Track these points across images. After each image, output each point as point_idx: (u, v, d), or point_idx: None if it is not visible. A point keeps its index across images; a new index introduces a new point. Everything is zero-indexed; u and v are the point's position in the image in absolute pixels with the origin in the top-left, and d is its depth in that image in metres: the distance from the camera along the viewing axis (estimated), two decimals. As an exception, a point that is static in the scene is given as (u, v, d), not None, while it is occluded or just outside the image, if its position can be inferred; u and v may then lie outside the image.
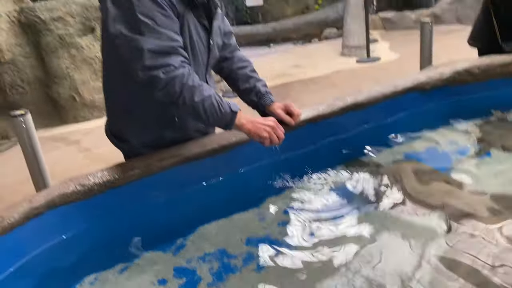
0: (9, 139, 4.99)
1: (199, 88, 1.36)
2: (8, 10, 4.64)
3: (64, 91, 4.90)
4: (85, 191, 1.36)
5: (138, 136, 1.57)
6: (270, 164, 1.64)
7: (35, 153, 1.93)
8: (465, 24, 7.60)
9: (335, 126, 1.81)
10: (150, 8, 1.31)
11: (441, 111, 2.00)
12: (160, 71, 1.31)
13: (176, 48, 1.35)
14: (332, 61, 6.53)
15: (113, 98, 1.58)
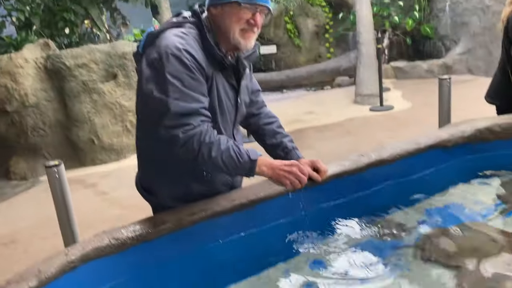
0: (27, 180, 5.07)
1: (216, 143, 1.41)
2: (36, 56, 4.85)
3: (83, 134, 5.02)
4: (118, 244, 1.39)
5: (166, 190, 1.62)
6: (297, 218, 1.66)
7: (65, 203, 1.98)
8: (476, 74, 7.74)
9: (360, 182, 1.84)
10: (179, 70, 1.39)
11: (463, 168, 2.02)
12: (180, 130, 1.38)
13: (198, 110, 1.41)
14: (345, 109, 6.64)
15: (144, 152, 1.66)
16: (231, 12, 1.47)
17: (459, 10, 7.88)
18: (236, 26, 1.48)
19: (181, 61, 1.39)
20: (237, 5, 1.45)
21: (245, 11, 1.46)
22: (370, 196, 1.87)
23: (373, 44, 6.99)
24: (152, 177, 1.65)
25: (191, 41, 1.45)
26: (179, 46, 1.40)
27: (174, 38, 1.43)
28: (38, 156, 5.13)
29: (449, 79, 2.85)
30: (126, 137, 5.23)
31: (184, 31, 1.47)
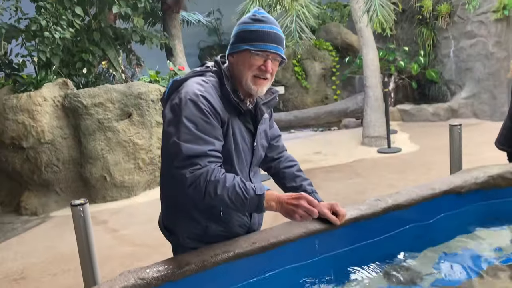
0: (37, 216, 5.10)
1: (222, 181, 1.44)
2: (54, 95, 5.01)
3: (96, 171, 5.09)
4: (144, 284, 1.42)
5: (185, 229, 1.67)
6: (315, 262, 1.69)
7: (88, 241, 2.02)
8: (481, 118, 7.85)
9: (376, 226, 1.87)
10: (194, 115, 1.47)
11: (477, 214, 2.05)
12: (187, 170, 1.43)
13: (207, 152, 1.46)
14: (353, 150, 6.71)
15: (165, 192, 1.72)
16: (244, 59, 1.56)
17: (464, 56, 8.10)
18: (249, 72, 1.56)
19: (197, 106, 1.47)
20: (248, 52, 1.54)
21: (256, 58, 1.55)
22: (385, 241, 1.90)
23: (380, 87, 7.16)
24: (172, 217, 1.71)
25: (209, 88, 1.54)
26: (197, 92, 1.50)
27: (194, 86, 1.53)
28: (50, 192, 5.19)
29: (460, 126, 2.93)
30: (138, 174, 5.30)
31: (205, 79, 1.58)
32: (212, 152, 1.48)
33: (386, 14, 6.29)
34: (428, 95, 8.98)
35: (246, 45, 1.53)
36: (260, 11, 1.60)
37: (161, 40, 6.31)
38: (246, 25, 1.56)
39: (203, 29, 11.76)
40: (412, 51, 8.92)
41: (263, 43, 1.53)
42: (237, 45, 1.56)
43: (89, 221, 2.00)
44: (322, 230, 1.72)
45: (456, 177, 2.12)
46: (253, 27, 1.54)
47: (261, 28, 1.54)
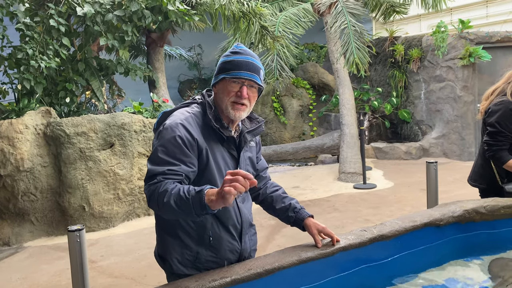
0: (10, 246, 4.95)
1: (170, 189, 1.47)
2: (36, 123, 4.99)
3: (75, 201, 5.03)
4: (145, 308, 1.46)
5: (177, 256, 1.73)
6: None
7: (83, 267, 2.03)
8: (450, 158, 8.22)
9: (363, 256, 1.98)
10: (167, 140, 1.60)
11: (455, 246, 2.19)
12: (146, 186, 1.55)
13: (165, 171, 1.53)
14: (330, 185, 6.87)
15: (158, 221, 1.81)
16: (223, 87, 1.70)
17: (433, 99, 8.55)
18: (227, 98, 1.69)
19: (172, 132, 1.60)
20: (226, 80, 1.69)
21: (233, 85, 1.69)
22: (369, 270, 2.00)
23: (355, 125, 7.45)
24: (164, 243, 1.78)
25: (189, 118, 1.67)
26: (178, 121, 1.63)
27: (177, 115, 1.67)
28: (24, 222, 5.07)
29: (436, 163, 3.13)
30: (117, 205, 5.26)
31: (189, 110, 1.72)
32: (171, 171, 1.54)
33: (361, 56, 6.65)
34: (400, 134, 9.36)
35: (224, 74, 1.69)
36: (239, 45, 1.75)
37: (145, 72, 6.42)
38: (225, 57, 1.72)
39: (184, 63, 11.99)
40: (385, 92, 9.35)
41: (238, 71, 1.67)
42: (217, 76, 1.72)
43: (84, 247, 2.02)
44: (314, 258, 1.82)
45: (435, 211, 2.27)
46: (230, 58, 1.70)
47: (237, 58, 1.69)
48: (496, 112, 2.65)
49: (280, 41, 6.65)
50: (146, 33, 7.01)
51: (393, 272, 2.02)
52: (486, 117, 2.73)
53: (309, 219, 1.92)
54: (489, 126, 2.68)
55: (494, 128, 2.64)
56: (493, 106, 2.69)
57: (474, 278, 2.04)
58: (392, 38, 9.33)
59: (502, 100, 2.67)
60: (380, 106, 9.12)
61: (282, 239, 4.44)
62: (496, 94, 2.74)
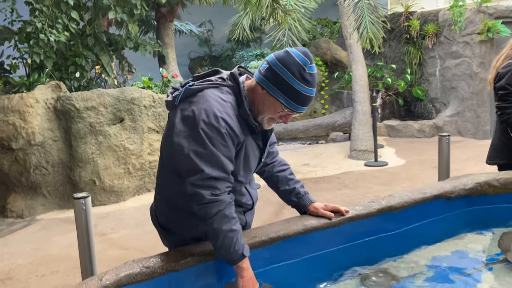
0: (23, 219, 5.04)
1: (231, 221, 1.50)
2: (46, 97, 5.01)
3: (86, 175, 5.07)
4: (148, 272, 1.46)
5: (184, 231, 1.70)
6: (314, 257, 1.75)
7: (88, 235, 2.04)
8: (464, 136, 8.07)
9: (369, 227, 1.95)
10: (214, 137, 1.48)
11: (465, 218, 2.14)
12: (208, 191, 1.47)
13: (226, 176, 1.52)
14: (341, 163, 6.82)
15: (166, 195, 1.71)
16: (273, 105, 1.56)
17: (449, 76, 8.34)
18: (269, 114, 1.59)
19: (216, 128, 1.47)
20: (281, 104, 1.55)
21: (284, 111, 1.57)
22: (377, 240, 1.97)
23: (368, 102, 7.33)
24: (171, 218, 1.71)
25: (228, 109, 1.53)
26: (217, 113, 1.48)
27: (213, 104, 1.51)
28: (37, 195, 5.14)
29: (448, 136, 3.05)
30: (127, 179, 5.29)
31: (223, 96, 1.55)
32: (229, 177, 1.53)
33: (375, 31, 6.48)
34: (413, 112, 9.20)
35: (283, 99, 1.54)
36: (312, 66, 1.54)
37: (154, 47, 6.38)
38: (292, 79, 1.51)
39: (194, 40, 11.88)
40: (399, 69, 9.16)
41: (299, 106, 1.55)
42: (275, 90, 1.53)
43: (90, 215, 2.02)
44: (319, 227, 1.79)
45: (446, 183, 2.22)
46: (297, 85, 1.52)
47: (303, 91, 1.53)
48: (505, 74, 2.58)
49: (292, 15, 6.50)
50: (156, 8, 6.93)
51: (401, 243, 1.99)
52: (496, 82, 2.65)
53: (312, 204, 1.88)
54: (499, 90, 2.60)
55: (505, 90, 2.56)
56: (501, 70, 2.62)
57: (485, 251, 2.00)
58: (407, 13, 9.07)
59: (509, 63, 2.61)
60: (394, 83, 8.95)
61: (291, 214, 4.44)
62: (502, 60, 2.68)
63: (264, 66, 1.57)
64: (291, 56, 1.53)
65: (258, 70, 1.59)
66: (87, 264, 2.00)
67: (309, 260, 1.75)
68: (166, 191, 1.71)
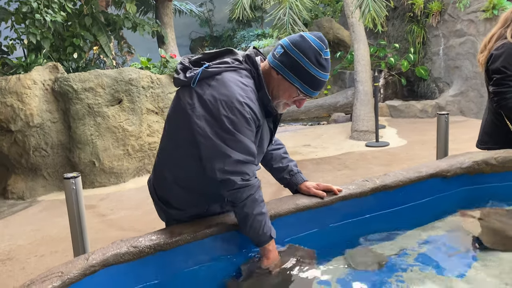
0: (24, 200, 5.07)
1: (260, 204, 1.53)
2: (44, 78, 4.97)
3: (85, 156, 5.07)
4: (136, 252, 1.45)
5: (186, 207, 1.68)
6: (306, 236, 1.74)
7: (80, 215, 2.03)
8: (467, 116, 7.99)
9: (363, 206, 1.92)
10: (239, 123, 1.47)
11: (462, 197, 2.11)
12: (239, 177, 1.48)
13: (253, 160, 1.53)
14: (341, 144, 6.78)
15: (176, 174, 1.65)
16: (288, 89, 1.57)
17: (452, 55, 8.21)
18: (284, 99, 1.61)
19: (241, 113, 1.47)
20: (297, 89, 1.56)
21: (299, 95, 1.59)
22: (370, 219, 1.95)
23: (370, 82, 7.24)
24: (174, 195, 1.68)
25: (250, 94, 1.52)
26: (241, 99, 1.48)
27: (235, 89, 1.49)
28: (37, 177, 5.16)
29: (447, 114, 3.00)
30: (127, 161, 5.29)
31: (243, 81, 1.54)
32: (255, 161, 1.54)
33: (378, 9, 6.36)
34: (416, 92, 9.10)
35: (299, 85, 1.54)
36: (327, 51, 1.55)
37: (153, 27, 6.28)
38: (309, 64, 1.52)
39: (195, 20, 11.72)
40: (402, 48, 9.02)
41: (314, 91, 1.57)
42: (291, 76, 1.54)
43: (81, 194, 2.01)
44: (312, 206, 1.77)
45: (443, 162, 2.18)
46: (314, 71, 1.53)
47: (319, 76, 1.54)
48: (500, 56, 2.39)
49: (292, -7, 6.37)
50: (154, -13, 6.81)
51: (395, 222, 1.96)
52: (490, 65, 2.47)
53: (304, 183, 1.87)
54: (494, 74, 2.43)
55: (500, 74, 2.39)
56: (494, 51, 2.43)
57: (480, 230, 1.97)
58: (411, -10, 8.88)
59: (503, 43, 2.42)
60: (397, 63, 8.82)
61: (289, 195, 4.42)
62: (495, 41, 2.48)
63: (279, 51, 1.56)
64: (307, 41, 1.52)
65: (272, 55, 1.58)
66: (79, 244, 2.00)
67: (300, 239, 1.74)
68: (178, 171, 1.65)
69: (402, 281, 1.55)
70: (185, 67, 1.61)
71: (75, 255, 2.01)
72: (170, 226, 1.62)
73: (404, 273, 1.60)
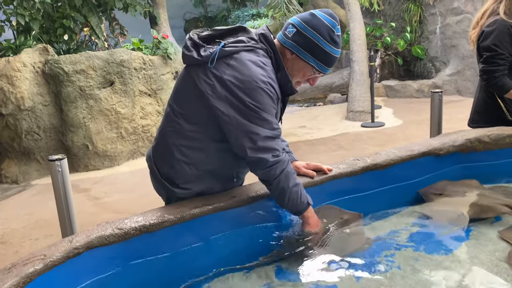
0: (18, 184, 5.04)
1: (293, 176, 1.57)
2: (34, 61, 4.88)
3: (78, 140, 5.03)
4: (121, 234, 1.42)
5: (190, 186, 1.65)
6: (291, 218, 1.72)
7: (66, 197, 2.00)
8: (464, 95, 7.94)
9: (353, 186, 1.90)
10: (264, 102, 1.49)
11: (453, 175, 2.09)
12: (270, 154, 1.51)
13: (279, 134, 1.56)
14: (337, 124, 6.74)
15: (182, 149, 1.61)
16: (303, 68, 1.60)
17: (449, 33, 8.11)
18: (298, 78, 1.64)
19: (266, 93, 1.49)
20: (311, 67, 1.59)
21: (312, 71, 1.61)
22: (361, 198, 1.93)
23: (366, 62, 7.16)
24: (181, 173, 1.63)
25: (271, 73, 1.53)
26: (263, 78, 1.49)
27: (255, 69, 1.49)
28: (31, 161, 5.12)
29: (441, 93, 2.96)
30: (121, 144, 5.25)
31: (262, 60, 1.53)
32: (281, 136, 1.59)
33: (374, -13, 6.24)
34: (413, 72, 9.02)
35: (314, 63, 1.58)
36: (338, 28, 1.58)
37: (145, 8, 6.16)
38: (323, 42, 1.55)
39: (189, 0, 11.52)
40: (399, 27, 8.91)
41: (328, 67, 1.61)
42: (306, 55, 1.57)
43: (67, 176, 1.98)
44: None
45: (435, 140, 2.16)
46: (328, 48, 1.56)
47: (333, 53, 1.58)
48: (491, 33, 2.33)
49: (287, -29, 6.24)
50: (145, -35, 6.66)
51: (386, 201, 1.95)
52: (481, 42, 2.41)
53: (294, 163, 1.86)
54: (485, 51, 2.37)
55: (491, 52, 2.34)
56: (486, 28, 2.37)
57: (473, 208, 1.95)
58: (408, -32, 8.72)
59: (495, 20, 2.35)
60: (393, 43, 8.72)
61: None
62: (487, 17, 2.41)
63: (291, 31, 1.57)
64: (319, 19, 1.55)
65: (284, 35, 1.59)
66: (67, 227, 1.98)
67: (289, 221, 1.72)
68: (189, 150, 1.60)
69: (392, 260, 1.54)
70: (196, 43, 1.57)
71: (63, 235, 1.99)
72: (157, 208, 1.59)
73: (396, 251, 1.59)
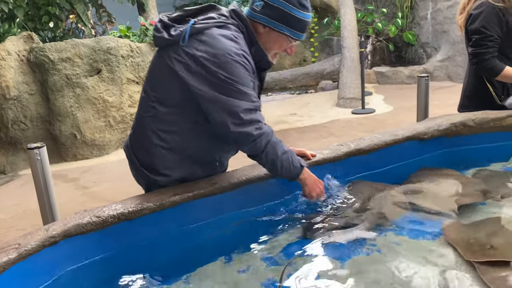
0: (5, 174, 4.99)
1: (279, 144, 1.57)
2: (18, 49, 4.80)
3: (66, 129, 4.97)
4: (99, 222, 1.40)
5: (171, 172, 1.62)
6: (276, 203, 1.70)
7: (47, 186, 1.98)
8: (455, 81, 7.94)
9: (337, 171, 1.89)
10: (240, 74, 1.47)
11: (438, 159, 2.09)
12: (253, 126, 1.49)
13: (259, 106, 1.56)
14: (328, 111, 6.73)
15: (160, 134, 1.58)
16: (278, 40, 1.59)
17: (440, 18, 8.08)
18: (275, 49, 1.63)
19: (241, 65, 1.47)
20: (286, 37, 1.59)
21: (288, 40, 1.60)
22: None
23: (357, 48, 7.12)
24: (161, 159, 1.61)
25: (244, 46, 1.52)
26: (237, 51, 1.47)
27: (228, 42, 1.47)
28: (18, 151, 5.05)
29: (427, 77, 2.95)
30: (109, 132, 5.20)
31: (234, 34, 1.52)
32: (260, 107, 1.56)
33: (364, -28, 6.17)
34: (404, 58, 8.99)
35: (288, 32, 1.57)
36: None
37: (132, -6, 6.07)
38: (293, 9, 1.55)
39: (179, -13, 11.37)
40: (390, 12, 8.85)
41: (302, 33, 1.60)
42: (278, 25, 1.56)
43: (47, 165, 1.95)
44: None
45: (420, 124, 2.15)
46: (299, 14, 1.56)
47: (305, 18, 1.58)
48: (479, 16, 2.32)
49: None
50: (132, -49, 6.53)
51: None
52: (469, 25, 2.40)
53: None
54: (473, 34, 2.36)
55: (480, 34, 2.32)
56: (473, 11, 2.36)
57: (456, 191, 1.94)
58: (399, -48, 8.63)
59: (481, 2, 2.34)
60: (384, 28, 8.67)
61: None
62: (474, 1, 2.41)
63: (259, 4, 1.56)
64: None
65: (252, 9, 1.58)
66: (48, 216, 1.95)
67: (274, 206, 1.71)
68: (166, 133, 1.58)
69: (374, 244, 1.54)
70: (166, 24, 1.55)
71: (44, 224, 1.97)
72: (136, 196, 1.57)
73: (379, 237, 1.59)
